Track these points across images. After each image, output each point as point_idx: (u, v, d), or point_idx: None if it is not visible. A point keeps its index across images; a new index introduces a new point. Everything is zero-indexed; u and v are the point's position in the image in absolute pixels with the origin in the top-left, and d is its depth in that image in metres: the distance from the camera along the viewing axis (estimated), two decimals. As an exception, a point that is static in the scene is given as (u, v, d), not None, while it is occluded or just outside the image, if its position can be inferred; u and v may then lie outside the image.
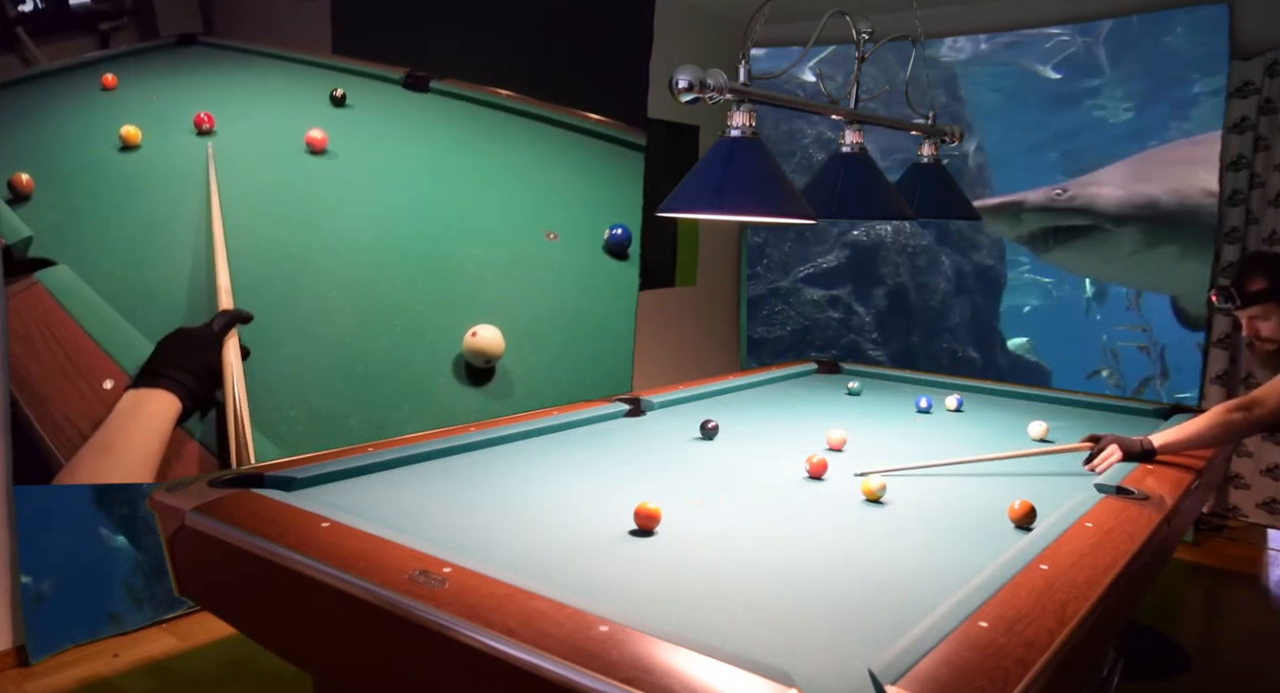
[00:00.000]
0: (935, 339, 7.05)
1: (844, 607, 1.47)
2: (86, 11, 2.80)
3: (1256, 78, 4.05)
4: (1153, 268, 5.82)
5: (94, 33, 2.83)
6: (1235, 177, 4.16)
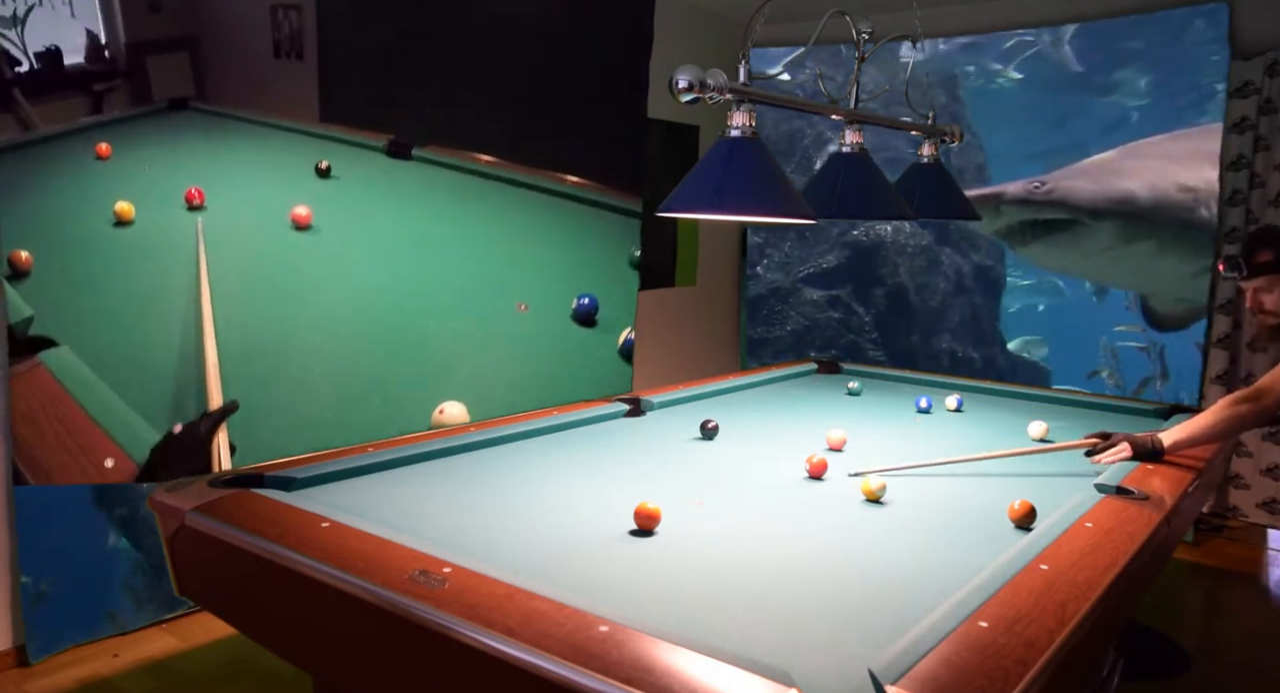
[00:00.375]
0: (935, 339, 7.05)
1: (844, 607, 1.47)
2: (80, 72, 2.82)
3: (1256, 78, 4.05)
4: (1128, 264, 5.79)
5: (88, 93, 2.85)
6: (1235, 177, 4.16)
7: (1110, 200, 5.59)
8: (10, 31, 2.66)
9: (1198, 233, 5.40)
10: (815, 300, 6.97)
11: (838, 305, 6.99)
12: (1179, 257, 5.57)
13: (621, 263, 3.96)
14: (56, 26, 2.76)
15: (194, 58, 3.08)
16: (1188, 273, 5.67)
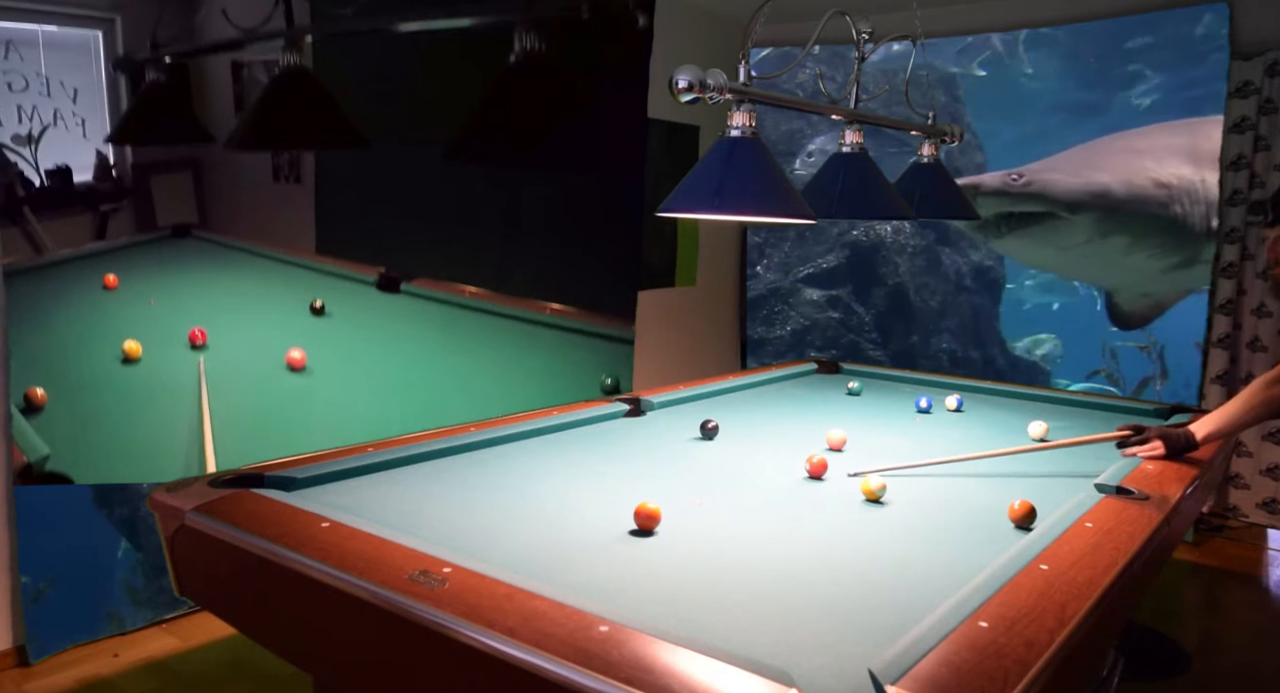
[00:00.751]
0: (935, 339, 7.05)
1: (844, 607, 1.47)
2: (88, 190, 2.89)
3: (1256, 78, 4.05)
4: (1100, 259, 5.78)
5: (94, 212, 2.91)
6: (1235, 176, 4.16)
7: (1087, 193, 5.56)
8: (25, 149, 2.74)
9: (1171, 229, 5.38)
10: (815, 300, 6.97)
11: (838, 305, 6.99)
12: (1149, 252, 5.56)
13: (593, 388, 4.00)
14: (68, 146, 2.84)
15: (196, 178, 3.14)
16: (1157, 269, 5.66)
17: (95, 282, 2.90)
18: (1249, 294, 4.20)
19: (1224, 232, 4.23)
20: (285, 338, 3.23)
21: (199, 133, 3.10)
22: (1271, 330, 4.15)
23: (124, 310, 2.99)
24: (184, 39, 3.00)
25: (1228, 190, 4.19)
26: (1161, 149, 5.49)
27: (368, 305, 3.46)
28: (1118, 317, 6.20)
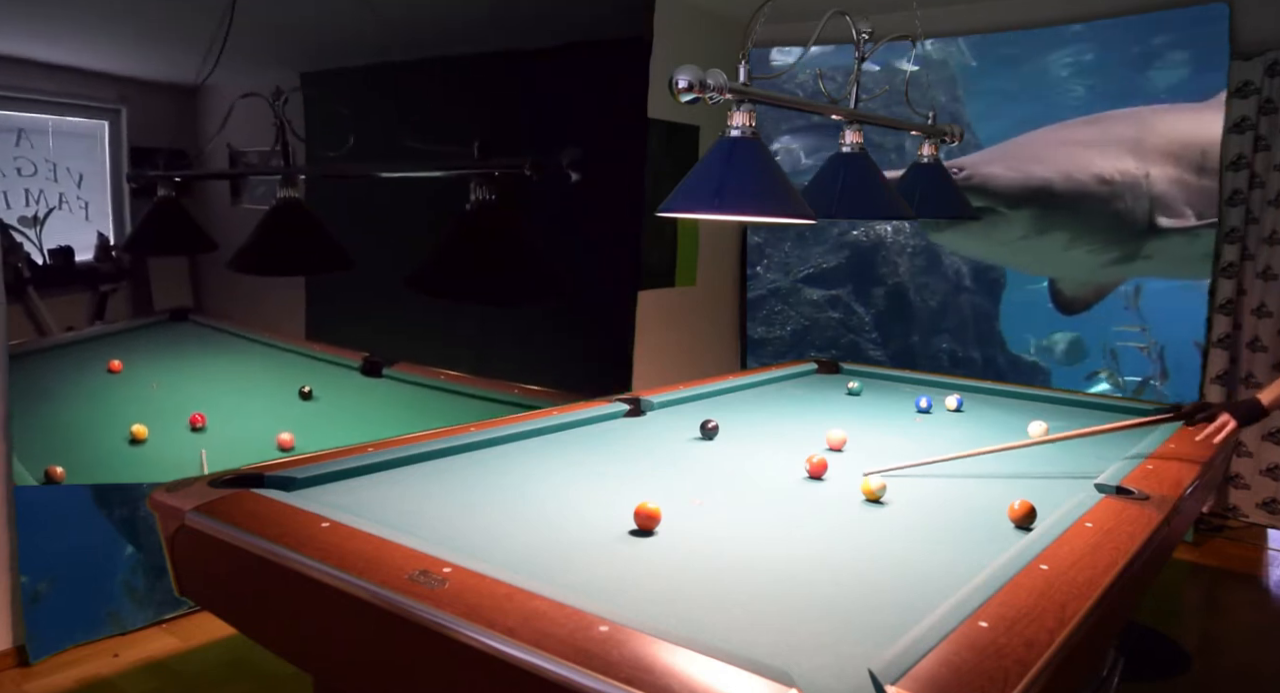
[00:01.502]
0: (935, 339, 7.05)
1: (844, 607, 1.47)
2: (88, 270, 3.01)
3: (1256, 78, 4.05)
4: (1040, 254, 5.72)
5: (94, 292, 3.03)
6: (1235, 176, 4.16)
7: (1027, 188, 5.45)
8: (30, 231, 2.85)
9: (1112, 225, 5.29)
10: (815, 300, 6.97)
11: (838, 305, 6.99)
12: (1089, 247, 5.50)
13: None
14: (71, 228, 2.96)
15: (191, 262, 3.34)
16: (1099, 263, 5.62)
17: (100, 364, 3.08)
18: (1249, 294, 4.20)
19: (1224, 232, 4.23)
20: (277, 422, 3.45)
21: (205, 244, 3.31)
22: (1271, 330, 4.15)
23: (129, 393, 3.18)
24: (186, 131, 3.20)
25: (1228, 190, 4.19)
26: (1105, 141, 5.39)
27: (352, 390, 3.72)
28: (1061, 303, 6.19)
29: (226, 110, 3.19)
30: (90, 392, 3.01)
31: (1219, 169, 4.22)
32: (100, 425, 3.05)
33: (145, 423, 3.14)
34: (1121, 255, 5.47)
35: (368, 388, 3.73)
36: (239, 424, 3.40)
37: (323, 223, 3.47)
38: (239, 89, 3.20)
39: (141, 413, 3.15)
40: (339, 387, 3.66)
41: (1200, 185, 4.89)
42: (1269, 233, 4.10)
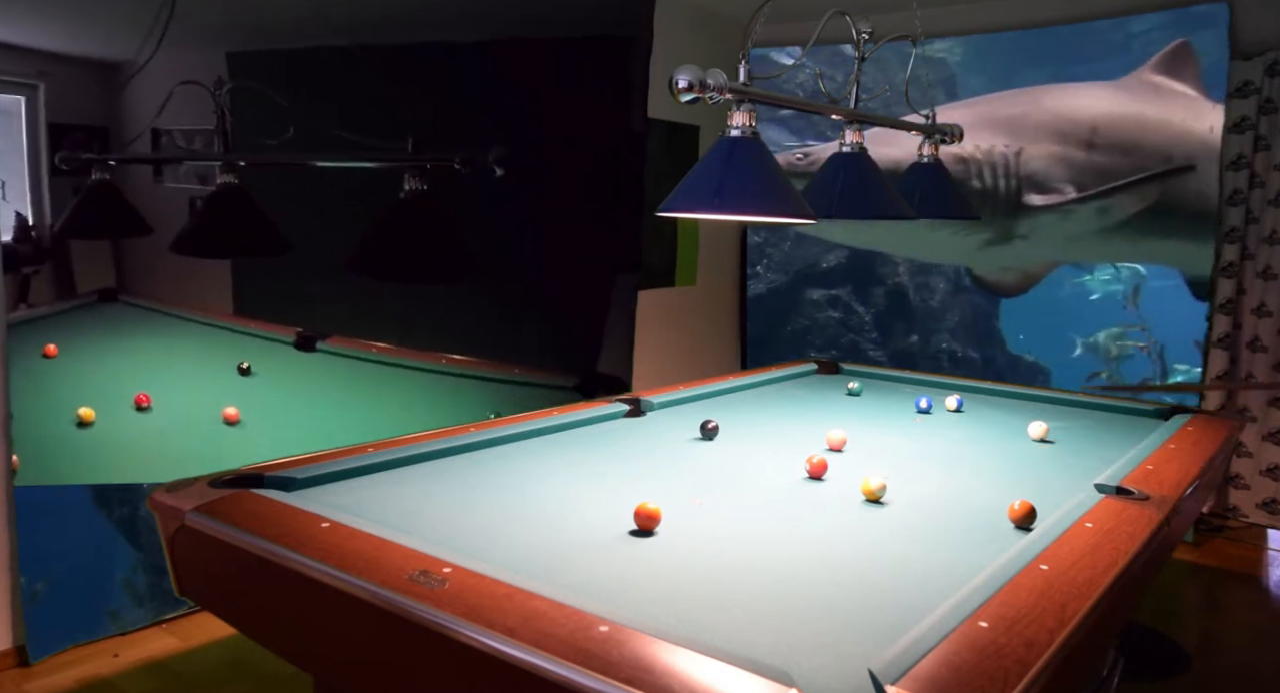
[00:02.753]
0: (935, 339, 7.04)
1: (844, 607, 1.47)
2: (8, 251, 2.91)
3: (1256, 78, 4.05)
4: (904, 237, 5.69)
5: (15, 274, 2.95)
6: (1235, 176, 4.16)
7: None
8: None
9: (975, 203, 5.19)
10: (815, 300, 6.97)
11: (838, 305, 6.99)
12: (951, 230, 5.48)
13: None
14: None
15: (114, 245, 3.26)
16: (970, 246, 5.59)
17: (33, 349, 3.04)
18: (1249, 294, 4.20)
19: (1224, 232, 4.23)
20: (220, 397, 3.52)
21: (140, 227, 3.29)
22: (1271, 330, 4.15)
23: (68, 377, 3.17)
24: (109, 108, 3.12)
25: (1228, 190, 4.19)
26: (979, 121, 5.33)
27: (288, 364, 3.79)
28: (985, 287, 6.19)
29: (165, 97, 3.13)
30: (28, 378, 2.98)
31: (1219, 169, 4.22)
32: (44, 411, 3.04)
33: (90, 405, 3.14)
34: (994, 237, 5.43)
35: (303, 362, 3.82)
36: (183, 401, 3.45)
37: (261, 208, 3.55)
38: (166, 66, 3.12)
39: (84, 396, 3.16)
40: (275, 362, 3.74)
41: (1087, 161, 4.91)
42: (1269, 233, 4.10)
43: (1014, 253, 5.64)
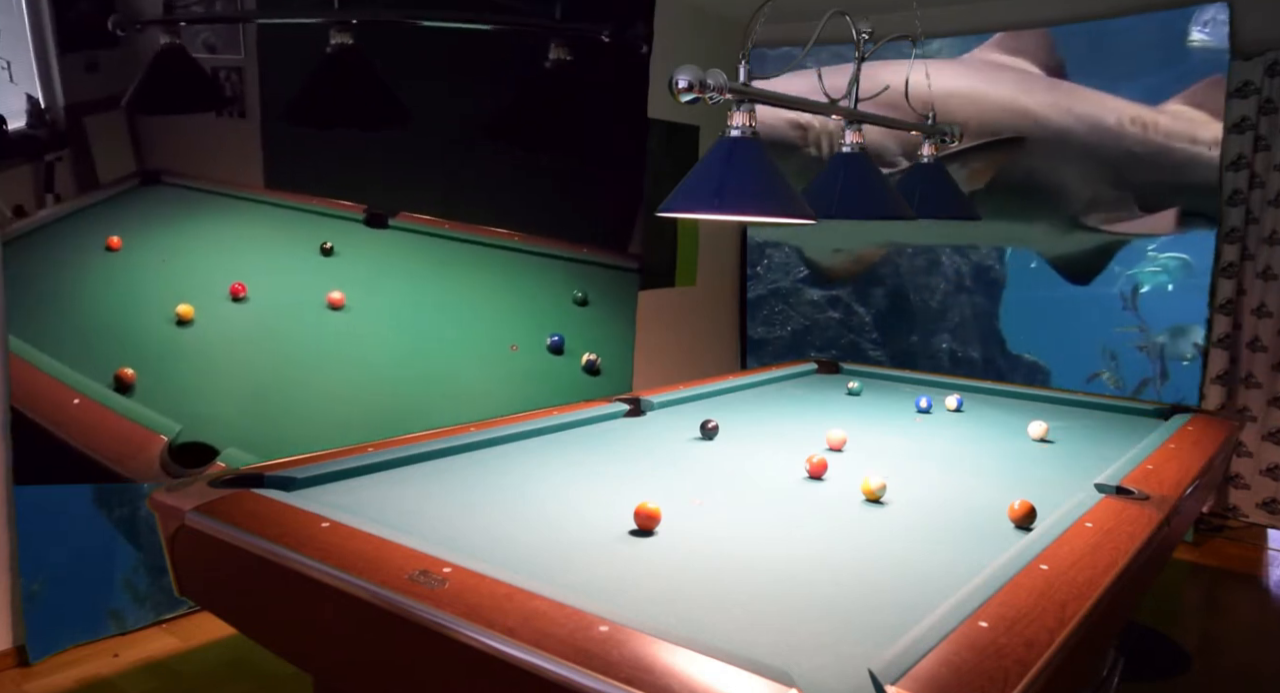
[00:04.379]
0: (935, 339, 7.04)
1: (844, 607, 1.47)
2: (24, 138, 2.70)
3: (1256, 78, 4.05)
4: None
5: (38, 162, 2.76)
6: (1235, 176, 4.16)
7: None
8: None
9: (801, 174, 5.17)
10: (815, 301, 6.97)
11: (838, 305, 6.99)
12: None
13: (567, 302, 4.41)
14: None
15: (130, 121, 2.98)
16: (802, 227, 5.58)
17: (93, 244, 2.83)
18: (1249, 294, 4.20)
19: (1224, 232, 4.23)
20: (314, 280, 3.34)
21: (217, 97, 3.03)
22: (1271, 330, 4.15)
23: (142, 272, 2.97)
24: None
25: (1228, 190, 4.19)
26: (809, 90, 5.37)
27: (364, 242, 3.60)
28: (818, 273, 6.20)
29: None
30: (101, 278, 2.80)
31: (1219, 169, 4.22)
32: (135, 313, 2.86)
33: (186, 301, 2.97)
34: None
35: (377, 240, 3.65)
36: (279, 287, 3.28)
37: (379, 73, 3.29)
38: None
39: (172, 291, 2.96)
40: (351, 240, 3.57)
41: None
42: (1269, 233, 4.10)
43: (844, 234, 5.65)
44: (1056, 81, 4.65)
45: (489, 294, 3.97)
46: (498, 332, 4.06)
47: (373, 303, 3.53)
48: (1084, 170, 4.76)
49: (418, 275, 3.75)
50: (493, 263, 4.00)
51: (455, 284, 3.88)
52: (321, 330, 3.34)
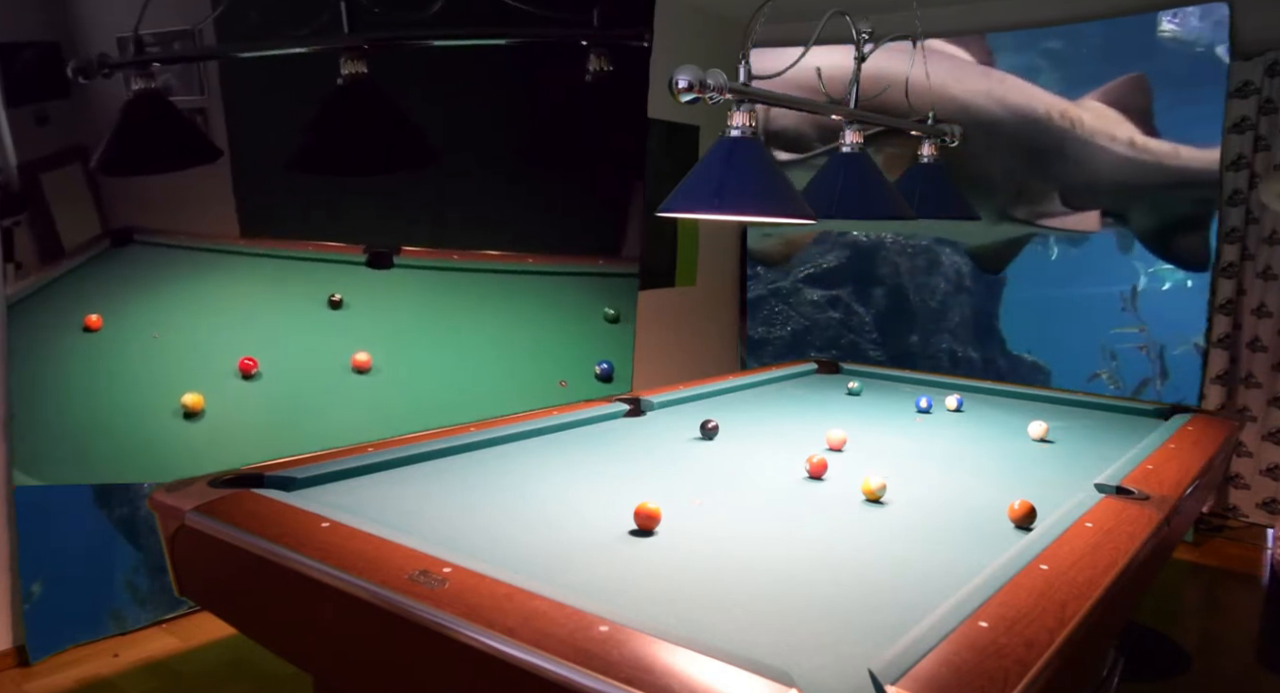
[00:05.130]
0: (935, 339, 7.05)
1: (844, 607, 1.47)
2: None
3: (1256, 78, 4.05)
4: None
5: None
6: (1235, 176, 4.16)
7: None
8: None
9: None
10: (815, 300, 6.97)
11: (838, 305, 6.99)
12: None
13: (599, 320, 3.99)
14: None
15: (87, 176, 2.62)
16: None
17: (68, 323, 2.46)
18: (1249, 294, 4.20)
19: (1224, 232, 4.22)
20: (326, 341, 2.91)
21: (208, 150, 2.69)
22: (1271, 330, 4.15)
23: (129, 355, 2.57)
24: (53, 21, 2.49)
25: (1228, 190, 4.19)
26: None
27: (370, 286, 3.16)
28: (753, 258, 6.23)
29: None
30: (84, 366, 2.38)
31: (1219, 169, 4.22)
32: (132, 408, 2.44)
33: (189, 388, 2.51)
34: None
35: (385, 282, 3.18)
36: (295, 355, 2.84)
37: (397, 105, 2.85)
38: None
39: (172, 374, 2.51)
40: (359, 287, 3.11)
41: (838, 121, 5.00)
42: (1269, 233, 4.10)
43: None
44: (988, 70, 4.64)
45: (521, 326, 3.53)
46: (541, 366, 3.62)
47: (403, 358, 3.09)
48: (1012, 162, 4.79)
49: (443, 318, 3.30)
50: (513, 291, 3.56)
51: (483, 322, 3.44)
52: (352, 401, 2.89)
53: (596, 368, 3.76)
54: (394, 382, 3.02)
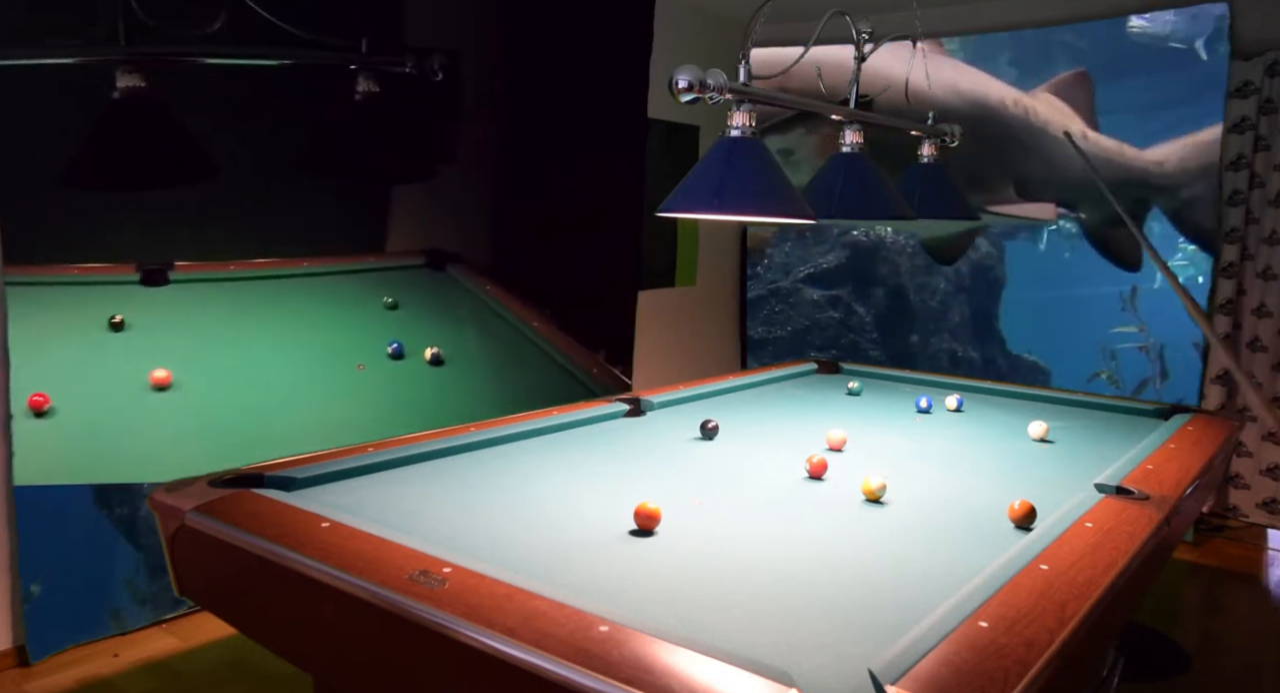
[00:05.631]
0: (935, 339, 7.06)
1: (844, 607, 1.47)
2: None
3: (1256, 78, 4.05)
4: None
5: None
6: (1235, 176, 4.16)
7: None
8: None
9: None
10: (815, 300, 6.98)
11: (838, 305, 7.00)
12: None
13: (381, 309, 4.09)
14: None
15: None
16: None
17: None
18: (1249, 294, 4.20)
19: (1224, 232, 4.22)
20: (118, 365, 2.96)
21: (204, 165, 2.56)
22: (1271, 330, 4.15)
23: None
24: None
25: (1228, 190, 4.19)
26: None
27: (149, 305, 3.10)
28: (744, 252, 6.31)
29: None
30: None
31: (1219, 169, 4.22)
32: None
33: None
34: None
35: (163, 299, 3.16)
36: (85, 382, 2.82)
37: (179, 121, 2.71)
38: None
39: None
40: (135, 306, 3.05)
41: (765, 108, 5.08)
42: (1269, 233, 4.09)
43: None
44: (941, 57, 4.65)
45: (311, 326, 3.67)
46: (339, 355, 3.79)
47: (200, 370, 3.16)
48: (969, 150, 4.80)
49: (231, 328, 3.38)
50: (295, 294, 3.67)
51: (272, 325, 3.54)
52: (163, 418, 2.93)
53: (388, 348, 4.01)
54: (199, 393, 3.11)
